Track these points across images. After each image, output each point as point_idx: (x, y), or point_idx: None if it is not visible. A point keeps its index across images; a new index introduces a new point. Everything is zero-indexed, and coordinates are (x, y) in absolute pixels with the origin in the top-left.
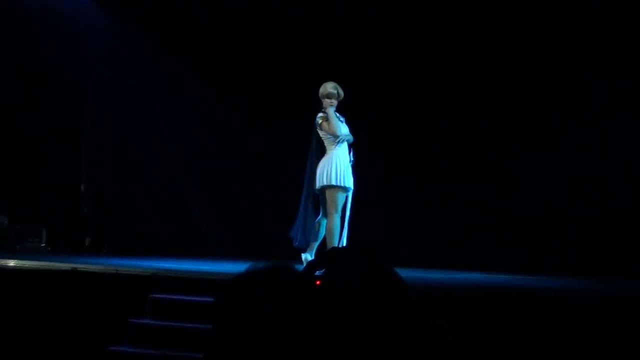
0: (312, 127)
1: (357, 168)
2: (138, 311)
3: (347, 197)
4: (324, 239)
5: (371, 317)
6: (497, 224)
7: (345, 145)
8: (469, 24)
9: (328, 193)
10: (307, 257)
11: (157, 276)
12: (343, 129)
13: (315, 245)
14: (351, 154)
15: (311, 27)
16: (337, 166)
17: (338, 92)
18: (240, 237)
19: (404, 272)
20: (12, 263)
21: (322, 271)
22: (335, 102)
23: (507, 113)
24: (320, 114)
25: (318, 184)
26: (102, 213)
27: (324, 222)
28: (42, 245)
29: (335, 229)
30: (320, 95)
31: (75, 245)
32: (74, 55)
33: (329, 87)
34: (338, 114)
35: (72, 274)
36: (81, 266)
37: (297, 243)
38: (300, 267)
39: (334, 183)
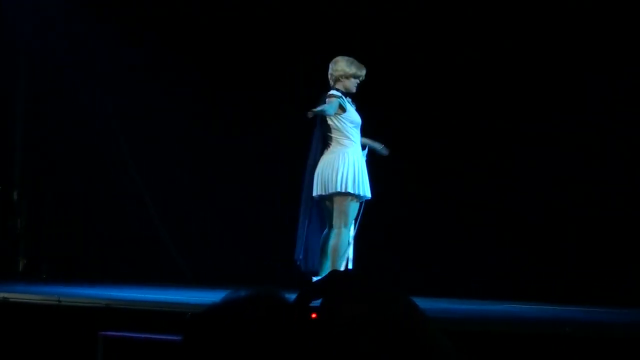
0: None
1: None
2: (86, 353)
3: (360, 207)
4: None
5: (380, 357)
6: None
7: (359, 141)
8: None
9: (338, 202)
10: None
11: (110, 308)
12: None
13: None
14: (366, 151)
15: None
16: (354, 168)
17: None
18: (216, 259)
19: (423, 302)
20: None
21: (319, 300)
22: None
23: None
24: (334, 92)
25: (324, 190)
26: (40, 228)
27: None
28: None
29: (342, 247)
30: (344, 73)
31: (5, 269)
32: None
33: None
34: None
35: (2, 305)
36: (13, 295)
37: (306, 266)
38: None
39: (350, 190)
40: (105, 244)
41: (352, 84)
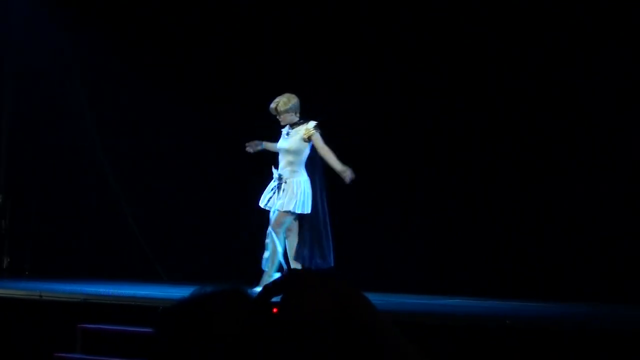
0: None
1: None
2: (66, 344)
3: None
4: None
5: (336, 350)
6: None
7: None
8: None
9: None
10: None
11: (88, 303)
12: None
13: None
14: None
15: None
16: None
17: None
18: (187, 257)
19: (375, 297)
20: None
21: (279, 296)
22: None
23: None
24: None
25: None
26: (23, 227)
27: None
28: None
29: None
30: (294, 109)
31: None
32: None
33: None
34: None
35: None
36: None
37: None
38: (255, 292)
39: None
40: (83, 243)
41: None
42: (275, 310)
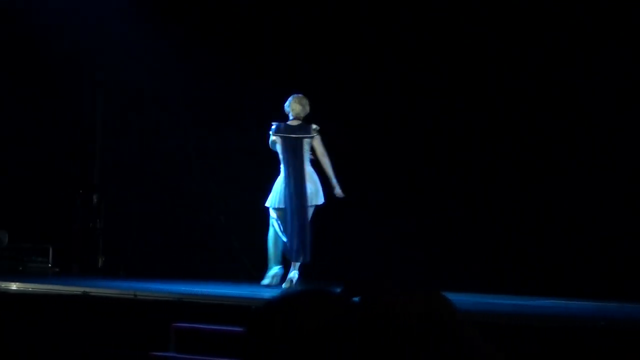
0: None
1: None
2: (160, 343)
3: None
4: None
5: (417, 347)
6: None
7: None
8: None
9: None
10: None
11: (182, 302)
12: None
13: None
14: None
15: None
16: None
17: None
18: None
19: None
20: (14, 286)
21: (359, 297)
22: None
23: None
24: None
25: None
26: (117, 229)
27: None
28: (49, 265)
29: None
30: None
31: (86, 266)
32: (77, 43)
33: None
34: None
35: (84, 299)
36: (94, 290)
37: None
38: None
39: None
40: (177, 242)
41: None
42: (356, 308)
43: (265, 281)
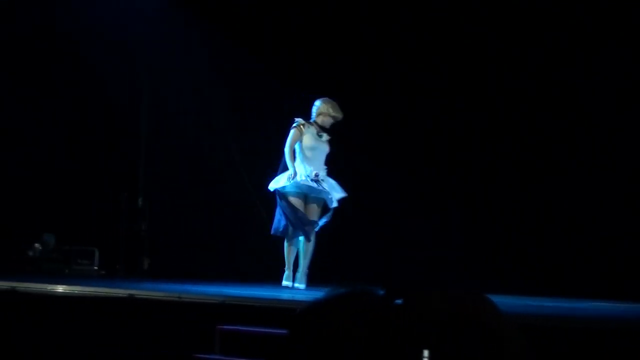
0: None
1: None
2: (205, 345)
3: None
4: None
5: (457, 349)
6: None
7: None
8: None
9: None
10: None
11: (226, 304)
12: None
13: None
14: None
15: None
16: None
17: None
18: (322, 261)
19: (500, 299)
20: (60, 289)
21: (402, 299)
22: None
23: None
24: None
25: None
26: (162, 231)
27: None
28: (95, 268)
29: None
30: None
31: (131, 269)
32: (120, 46)
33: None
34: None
35: (129, 301)
36: (139, 292)
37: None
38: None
39: None
40: (221, 246)
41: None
42: (399, 309)
43: (287, 283)
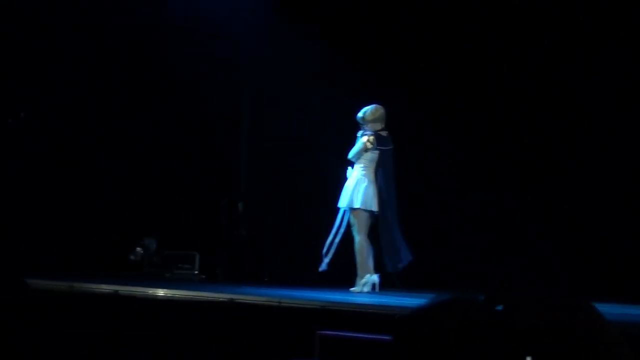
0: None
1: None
2: (304, 350)
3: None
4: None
5: (558, 356)
6: None
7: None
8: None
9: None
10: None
11: (326, 310)
12: None
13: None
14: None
15: None
16: None
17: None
18: (422, 266)
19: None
20: (161, 293)
21: (503, 305)
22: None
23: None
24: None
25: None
26: (262, 236)
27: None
28: (195, 272)
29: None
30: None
31: (232, 273)
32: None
33: None
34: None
35: (230, 305)
36: (239, 297)
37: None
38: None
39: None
40: (321, 250)
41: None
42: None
43: (357, 289)
